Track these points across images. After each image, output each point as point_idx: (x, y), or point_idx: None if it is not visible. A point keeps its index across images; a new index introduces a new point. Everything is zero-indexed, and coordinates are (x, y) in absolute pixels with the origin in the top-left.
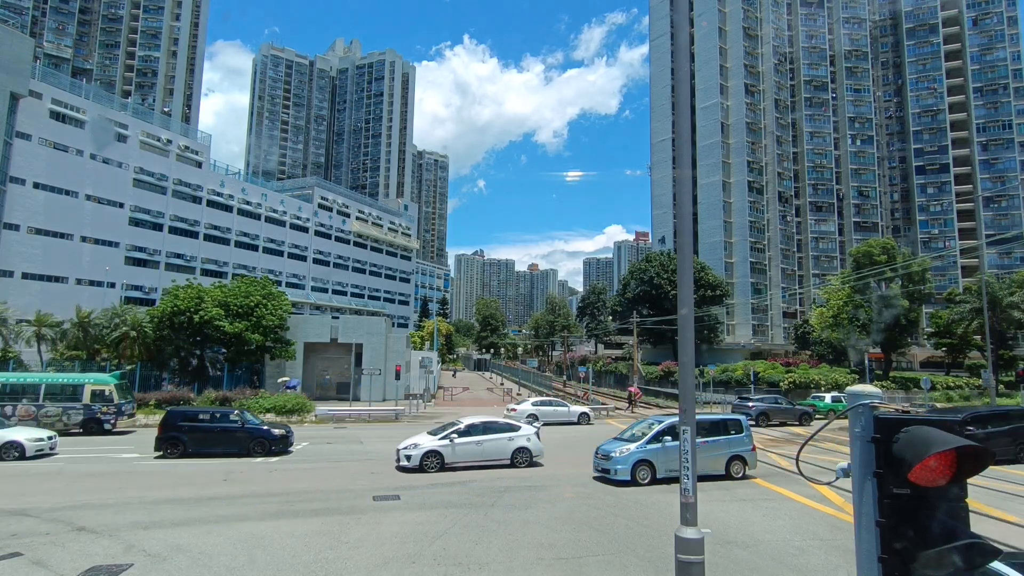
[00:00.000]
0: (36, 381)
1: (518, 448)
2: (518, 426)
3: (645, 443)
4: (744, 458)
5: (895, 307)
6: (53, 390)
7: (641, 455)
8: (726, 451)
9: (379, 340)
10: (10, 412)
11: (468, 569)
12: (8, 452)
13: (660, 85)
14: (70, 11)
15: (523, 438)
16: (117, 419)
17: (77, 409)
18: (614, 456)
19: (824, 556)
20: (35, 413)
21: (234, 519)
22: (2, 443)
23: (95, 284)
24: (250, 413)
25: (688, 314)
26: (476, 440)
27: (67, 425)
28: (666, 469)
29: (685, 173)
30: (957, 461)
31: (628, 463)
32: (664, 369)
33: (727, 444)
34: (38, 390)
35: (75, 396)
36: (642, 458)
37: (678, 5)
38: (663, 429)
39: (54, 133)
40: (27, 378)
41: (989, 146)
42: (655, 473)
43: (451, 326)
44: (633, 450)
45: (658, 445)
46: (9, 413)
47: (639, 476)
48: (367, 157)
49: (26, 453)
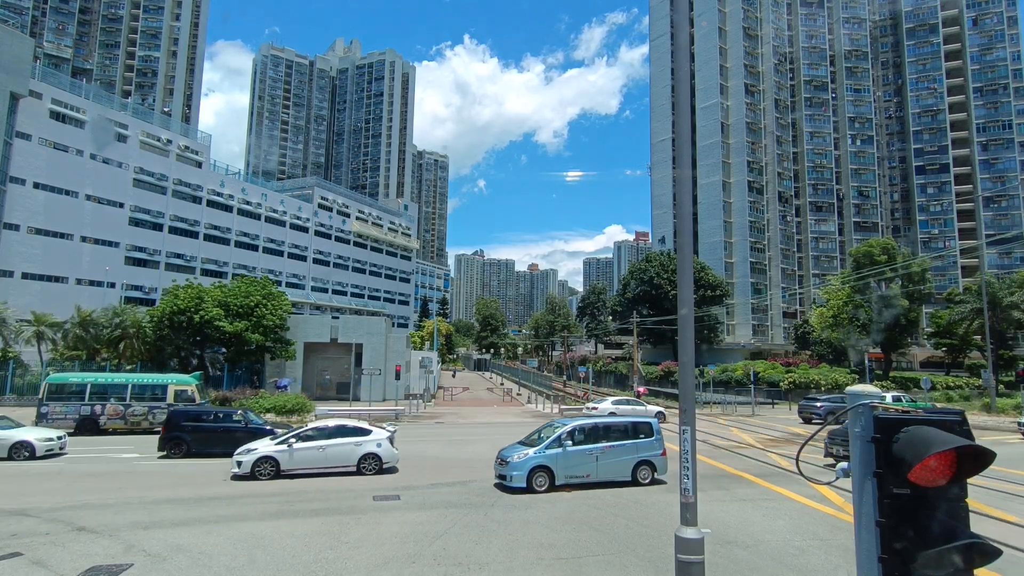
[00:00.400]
0: (123, 381)
1: (366, 454)
2: (368, 430)
3: (544, 447)
4: (652, 463)
5: (895, 307)
6: (139, 390)
7: (539, 460)
8: (633, 456)
9: (379, 340)
10: (100, 411)
11: (468, 569)
12: (19, 452)
13: (660, 85)
14: (70, 11)
15: (372, 443)
16: None
17: (162, 408)
18: (511, 461)
19: (824, 556)
20: (123, 412)
21: (234, 519)
22: (13, 443)
23: (95, 284)
24: (253, 413)
25: (688, 314)
26: (319, 445)
27: (152, 424)
28: (566, 475)
29: (685, 173)
30: (957, 461)
31: (524, 469)
32: (664, 369)
33: (635, 448)
34: (125, 390)
35: (160, 396)
36: (540, 464)
37: (678, 5)
38: (565, 432)
39: (54, 133)
40: (114, 379)
41: (989, 146)
42: (553, 479)
43: (451, 326)
44: (531, 455)
45: (558, 450)
46: (99, 412)
47: (535, 483)
48: (367, 157)
49: (36, 453)
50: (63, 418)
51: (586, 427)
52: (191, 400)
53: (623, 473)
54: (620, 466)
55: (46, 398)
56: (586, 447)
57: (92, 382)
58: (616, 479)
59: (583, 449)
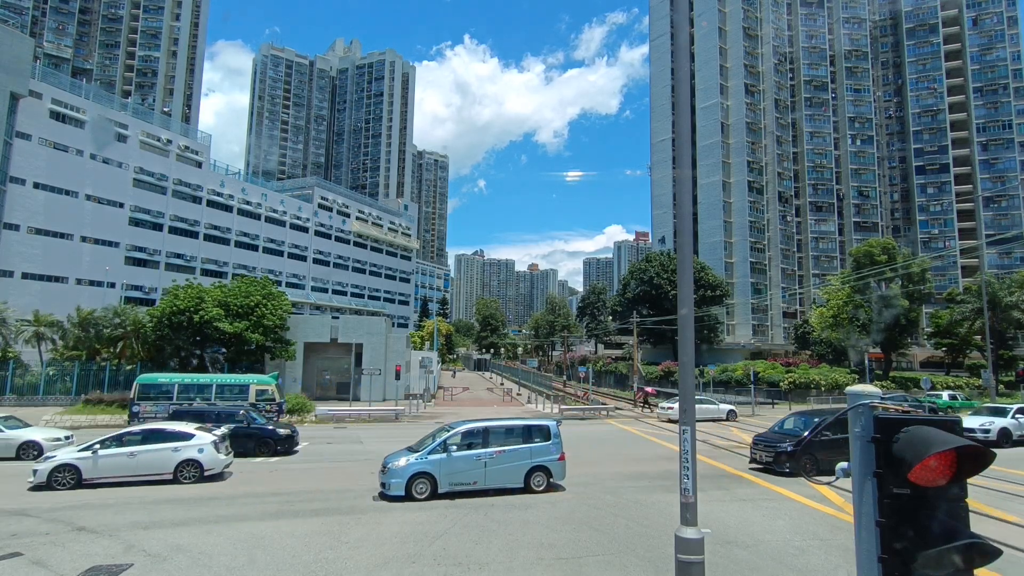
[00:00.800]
0: (208, 382)
1: (185, 460)
2: (191, 434)
3: (426, 453)
4: (548, 468)
5: (895, 307)
6: (222, 390)
7: (420, 467)
8: (527, 461)
9: (379, 340)
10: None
11: (468, 569)
12: (27, 452)
13: (660, 85)
14: (70, 11)
15: (193, 448)
16: (279, 416)
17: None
18: (390, 468)
19: (824, 556)
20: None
21: (234, 519)
22: (21, 443)
23: (95, 284)
24: (255, 412)
25: (688, 314)
26: (128, 451)
27: None
28: (451, 482)
29: (685, 173)
30: (957, 461)
31: (403, 476)
32: (664, 369)
33: (528, 453)
34: (210, 390)
35: (243, 395)
36: (421, 470)
37: (678, 5)
38: (450, 437)
39: (54, 133)
40: (200, 379)
41: (989, 146)
42: (436, 487)
43: (451, 326)
44: (411, 461)
45: (442, 455)
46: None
47: (415, 491)
48: (367, 157)
49: (44, 452)
50: (153, 417)
51: (476, 430)
52: (272, 399)
53: (515, 479)
54: (512, 472)
55: (137, 398)
56: (474, 452)
57: (179, 382)
58: (507, 486)
59: (470, 455)
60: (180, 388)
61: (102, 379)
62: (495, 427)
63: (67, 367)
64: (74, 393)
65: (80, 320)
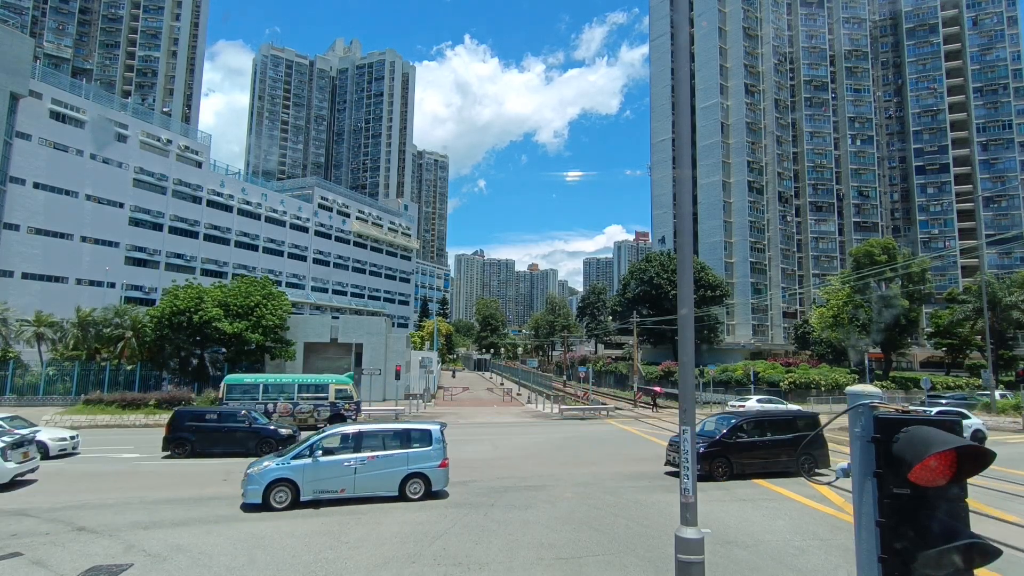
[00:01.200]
0: (291, 381)
1: None
2: None
3: (290, 457)
4: (427, 476)
5: (895, 307)
6: (304, 389)
7: (280, 473)
8: (402, 468)
9: (379, 340)
10: (272, 408)
11: (468, 569)
12: None
13: (660, 85)
14: (70, 11)
15: None
16: (357, 414)
17: (325, 406)
18: (249, 474)
19: (824, 556)
20: (292, 409)
21: (234, 519)
22: None
23: (95, 284)
24: (257, 412)
25: (688, 314)
26: None
27: (317, 420)
28: (315, 490)
29: (685, 173)
30: (957, 461)
31: (261, 483)
32: (664, 369)
33: (405, 459)
34: (293, 389)
35: (323, 394)
36: (281, 476)
37: (678, 5)
38: (318, 440)
39: (54, 133)
40: (283, 379)
41: (989, 146)
42: (298, 494)
43: (451, 326)
44: (271, 467)
45: (307, 460)
46: (272, 409)
47: (274, 499)
48: (367, 157)
49: (49, 453)
50: None
51: (348, 434)
52: (350, 398)
53: (389, 487)
54: (385, 479)
55: (225, 396)
56: (343, 458)
57: (264, 382)
58: (379, 494)
59: (339, 460)
60: (264, 388)
61: (102, 379)
62: (370, 431)
63: (67, 367)
64: (74, 393)
65: (80, 320)
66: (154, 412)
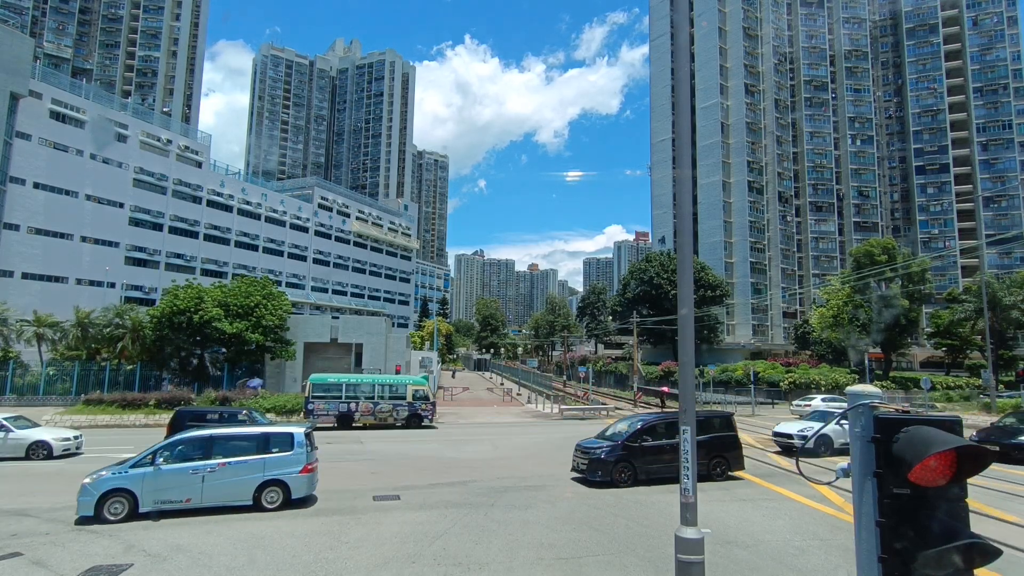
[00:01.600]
0: (371, 382)
1: None
2: None
3: (129, 466)
4: (286, 483)
5: (895, 307)
6: (383, 390)
7: (117, 482)
8: (258, 475)
9: (379, 340)
10: (354, 408)
11: (468, 569)
12: (37, 451)
13: (660, 85)
14: (70, 11)
15: None
16: (433, 413)
17: (403, 406)
18: (83, 484)
19: (824, 556)
20: (372, 409)
21: (234, 519)
22: (31, 443)
23: (95, 284)
24: (258, 413)
25: (688, 314)
26: None
27: (396, 420)
28: (156, 500)
29: (685, 173)
30: (957, 461)
31: (94, 494)
32: (664, 369)
33: (262, 466)
34: (373, 390)
35: (401, 395)
36: (118, 486)
37: (678, 5)
38: (163, 446)
39: (54, 133)
40: (363, 379)
41: (989, 146)
42: (136, 505)
43: (451, 326)
44: (106, 476)
45: (147, 468)
46: (354, 409)
47: (109, 511)
48: (367, 157)
49: (53, 452)
50: (325, 414)
51: (198, 440)
52: (425, 398)
53: (242, 496)
54: (238, 487)
55: (311, 395)
56: (190, 465)
57: (346, 382)
58: (231, 503)
59: (184, 468)
60: (347, 387)
61: (102, 379)
62: (223, 435)
63: (67, 367)
64: (74, 393)
65: (78, 320)
66: (154, 412)
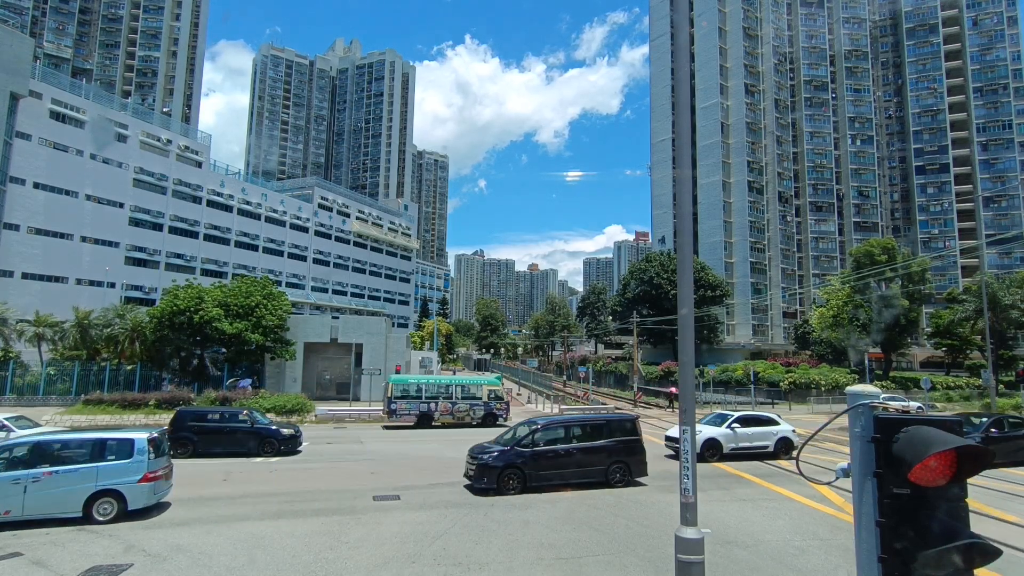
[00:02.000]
0: (448, 382)
1: None
2: None
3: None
4: (121, 493)
5: (895, 307)
6: (460, 390)
7: None
8: (90, 484)
9: (379, 340)
10: (434, 408)
11: (468, 569)
12: None
13: (660, 85)
14: (70, 11)
15: None
16: (507, 412)
17: (479, 405)
18: None
19: (824, 556)
20: (451, 408)
21: (234, 519)
22: None
23: (95, 284)
24: (259, 413)
25: (688, 314)
26: None
27: (472, 419)
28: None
29: (685, 173)
30: (957, 461)
31: None
32: (664, 369)
33: (94, 475)
34: (450, 390)
35: (476, 395)
36: None
37: (678, 5)
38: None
39: (54, 133)
40: (441, 380)
41: (989, 146)
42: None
43: (451, 326)
44: None
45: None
46: (433, 408)
47: None
48: (367, 157)
49: None
50: (407, 414)
51: (23, 446)
52: (500, 398)
53: (70, 507)
54: (65, 498)
55: (393, 397)
56: (12, 474)
57: (425, 383)
58: (57, 515)
59: (5, 477)
60: (425, 388)
61: (102, 379)
62: (50, 441)
63: (67, 367)
64: (74, 393)
65: (78, 320)
66: (154, 412)
